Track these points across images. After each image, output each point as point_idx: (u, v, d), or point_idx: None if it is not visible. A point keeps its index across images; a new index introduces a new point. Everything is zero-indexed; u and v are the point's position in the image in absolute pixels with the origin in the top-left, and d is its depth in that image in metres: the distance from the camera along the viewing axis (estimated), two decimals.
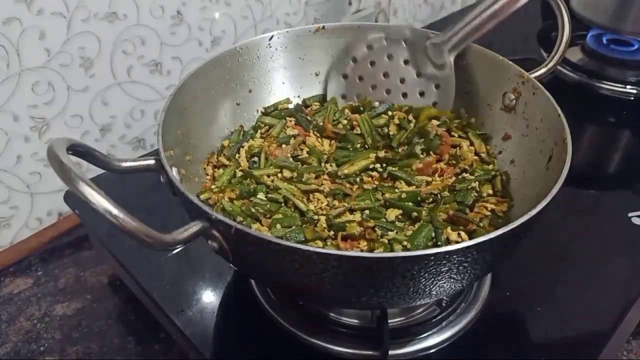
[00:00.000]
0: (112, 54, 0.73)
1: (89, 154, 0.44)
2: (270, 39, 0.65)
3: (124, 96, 0.77)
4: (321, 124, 0.64)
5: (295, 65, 0.68)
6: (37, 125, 0.69)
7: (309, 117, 0.65)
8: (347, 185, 0.56)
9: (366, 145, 0.62)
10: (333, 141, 0.63)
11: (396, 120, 0.64)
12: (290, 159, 0.60)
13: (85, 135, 0.75)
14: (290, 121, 0.65)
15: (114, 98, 0.75)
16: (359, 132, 0.63)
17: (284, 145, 0.62)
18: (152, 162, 0.47)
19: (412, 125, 0.64)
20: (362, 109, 0.66)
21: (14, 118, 0.67)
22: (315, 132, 0.64)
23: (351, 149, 0.62)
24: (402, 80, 0.66)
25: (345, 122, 0.65)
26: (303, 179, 0.56)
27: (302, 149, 0.61)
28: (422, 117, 0.64)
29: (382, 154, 0.60)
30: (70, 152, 0.39)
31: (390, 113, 0.65)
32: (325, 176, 0.58)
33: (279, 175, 0.58)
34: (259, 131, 0.64)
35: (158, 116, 0.51)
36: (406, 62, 0.66)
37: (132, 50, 0.74)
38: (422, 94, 0.65)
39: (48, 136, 0.71)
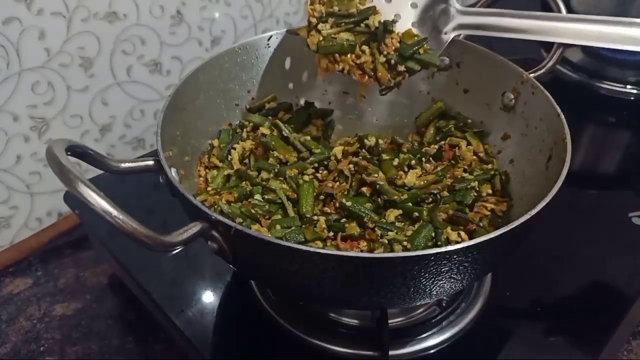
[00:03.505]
0: (112, 54, 0.73)
1: (88, 155, 0.44)
2: (269, 39, 0.65)
3: (124, 96, 0.77)
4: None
5: (293, 66, 0.68)
6: (36, 125, 0.69)
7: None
8: (330, 184, 0.56)
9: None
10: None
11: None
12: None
13: (85, 135, 0.75)
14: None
15: (113, 98, 0.75)
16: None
17: None
18: (151, 162, 0.47)
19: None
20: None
21: (13, 118, 0.67)
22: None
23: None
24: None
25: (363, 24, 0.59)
26: (285, 177, 0.56)
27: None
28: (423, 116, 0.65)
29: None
30: (69, 153, 0.39)
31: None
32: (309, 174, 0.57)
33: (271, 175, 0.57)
34: (245, 129, 0.63)
35: (157, 116, 0.51)
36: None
37: (132, 50, 0.74)
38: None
39: (48, 136, 0.70)
